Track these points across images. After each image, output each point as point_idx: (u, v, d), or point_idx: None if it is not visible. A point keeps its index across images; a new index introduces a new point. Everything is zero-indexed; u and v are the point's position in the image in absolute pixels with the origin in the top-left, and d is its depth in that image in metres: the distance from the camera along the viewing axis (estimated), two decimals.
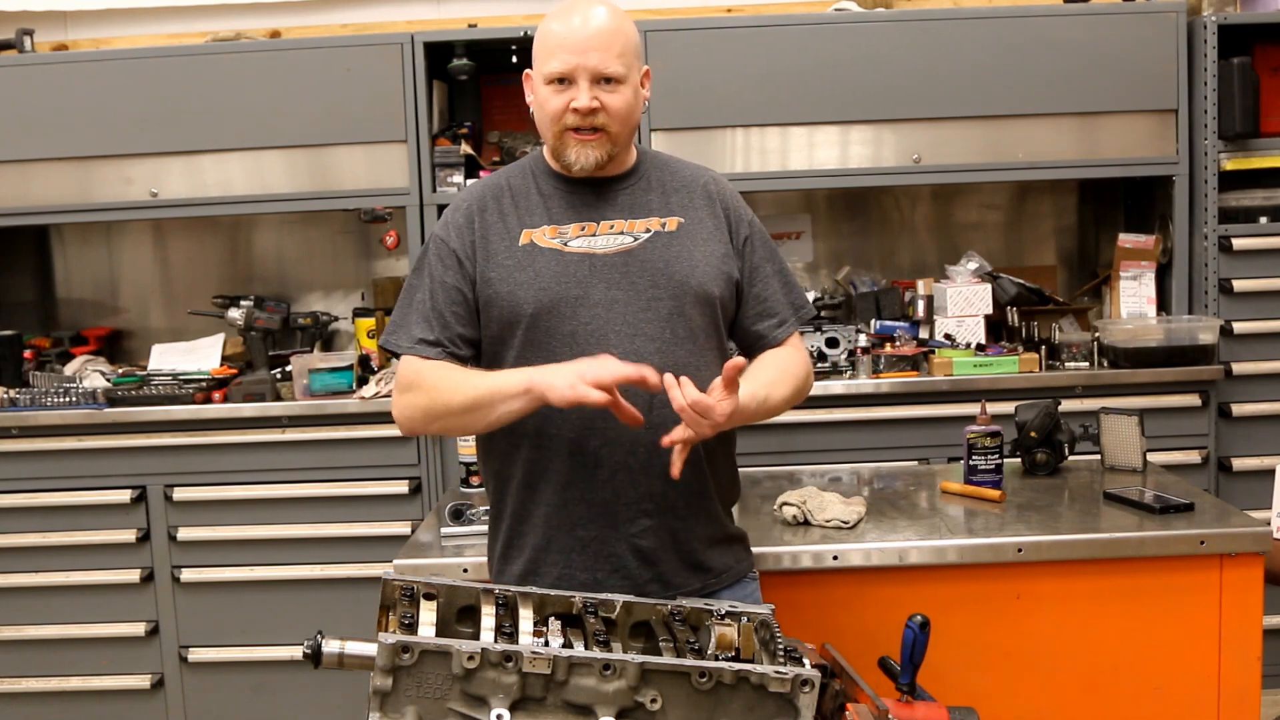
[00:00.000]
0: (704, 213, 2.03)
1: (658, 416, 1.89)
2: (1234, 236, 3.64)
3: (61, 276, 4.26)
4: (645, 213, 2.00)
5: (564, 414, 1.90)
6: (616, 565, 1.94)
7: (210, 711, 3.66)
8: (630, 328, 1.93)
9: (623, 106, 1.92)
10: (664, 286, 1.95)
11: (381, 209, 3.70)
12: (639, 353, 1.91)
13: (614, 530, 1.94)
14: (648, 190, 2.02)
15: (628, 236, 1.97)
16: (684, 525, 1.97)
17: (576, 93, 1.90)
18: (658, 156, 2.10)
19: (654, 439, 1.87)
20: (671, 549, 1.97)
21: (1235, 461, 3.62)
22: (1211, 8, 3.79)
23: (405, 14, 4.17)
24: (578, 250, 1.95)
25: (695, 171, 2.09)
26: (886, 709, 1.61)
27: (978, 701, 1.76)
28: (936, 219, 4.17)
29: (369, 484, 3.58)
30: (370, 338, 3.83)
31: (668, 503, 1.95)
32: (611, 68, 1.90)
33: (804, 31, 3.63)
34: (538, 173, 2.04)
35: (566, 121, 1.92)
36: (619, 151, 1.97)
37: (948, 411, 3.47)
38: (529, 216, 1.99)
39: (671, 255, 1.97)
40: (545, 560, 1.97)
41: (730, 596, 2.01)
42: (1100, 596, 2.32)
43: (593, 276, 1.94)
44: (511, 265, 1.95)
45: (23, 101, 3.68)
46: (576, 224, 1.98)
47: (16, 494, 3.61)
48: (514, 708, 1.50)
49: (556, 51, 1.90)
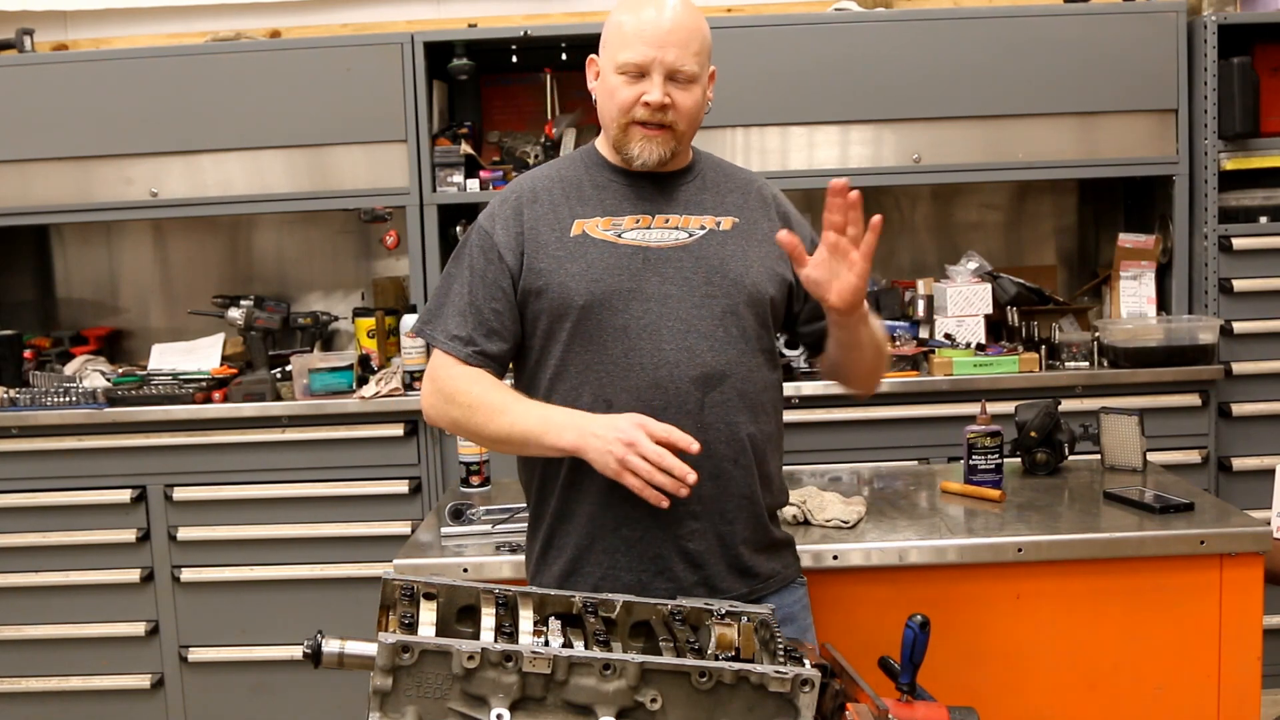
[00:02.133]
0: (758, 214, 2.00)
1: (709, 417, 1.88)
2: (1234, 236, 3.64)
3: (61, 276, 4.26)
4: (700, 210, 1.97)
5: (613, 410, 1.85)
6: (662, 567, 1.90)
7: (210, 711, 3.66)
8: (684, 324, 1.89)
9: (693, 106, 1.90)
10: (718, 284, 1.91)
11: (381, 209, 3.70)
12: (692, 349, 1.88)
13: (660, 531, 1.88)
14: (703, 189, 1.99)
15: (682, 232, 1.94)
16: (731, 529, 1.92)
17: (649, 86, 1.86)
18: (711, 157, 2.07)
19: (703, 439, 1.83)
20: (719, 553, 1.92)
21: (1235, 461, 3.62)
22: (1211, 8, 3.79)
23: (405, 14, 4.17)
24: (631, 242, 1.91)
25: (749, 175, 2.08)
26: (886, 709, 1.61)
27: (978, 701, 1.76)
28: (936, 219, 4.17)
29: (369, 484, 3.58)
30: (370, 337, 3.83)
31: (716, 505, 1.90)
32: (688, 65, 1.87)
33: (804, 31, 3.63)
34: (591, 165, 2.00)
35: (635, 114, 1.88)
36: (681, 150, 1.95)
37: (948, 411, 3.47)
38: (581, 207, 1.95)
39: (726, 254, 1.94)
40: (588, 560, 1.93)
41: (777, 602, 1.97)
42: (1100, 596, 2.32)
43: (646, 269, 1.90)
44: (563, 255, 1.91)
45: (23, 101, 3.68)
46: (631, 216, 1.94)
47: (16, 494, 3.62)
48: (514, 708, 1.50)
49: (633, 42, 1.86)
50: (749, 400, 1.92)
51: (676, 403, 1.86)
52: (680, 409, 1.86)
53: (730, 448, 1.90)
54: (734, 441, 1.90)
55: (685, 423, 1.84)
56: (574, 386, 1.90)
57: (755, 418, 1.93)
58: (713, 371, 1.88)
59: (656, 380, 1.87)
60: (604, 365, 1.88)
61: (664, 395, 1.86)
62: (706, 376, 1.88)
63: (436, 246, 3.69)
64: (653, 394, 1.86)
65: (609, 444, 1.75)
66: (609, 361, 1.88)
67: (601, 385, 1.88)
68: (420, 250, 3.69)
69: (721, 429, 1.88)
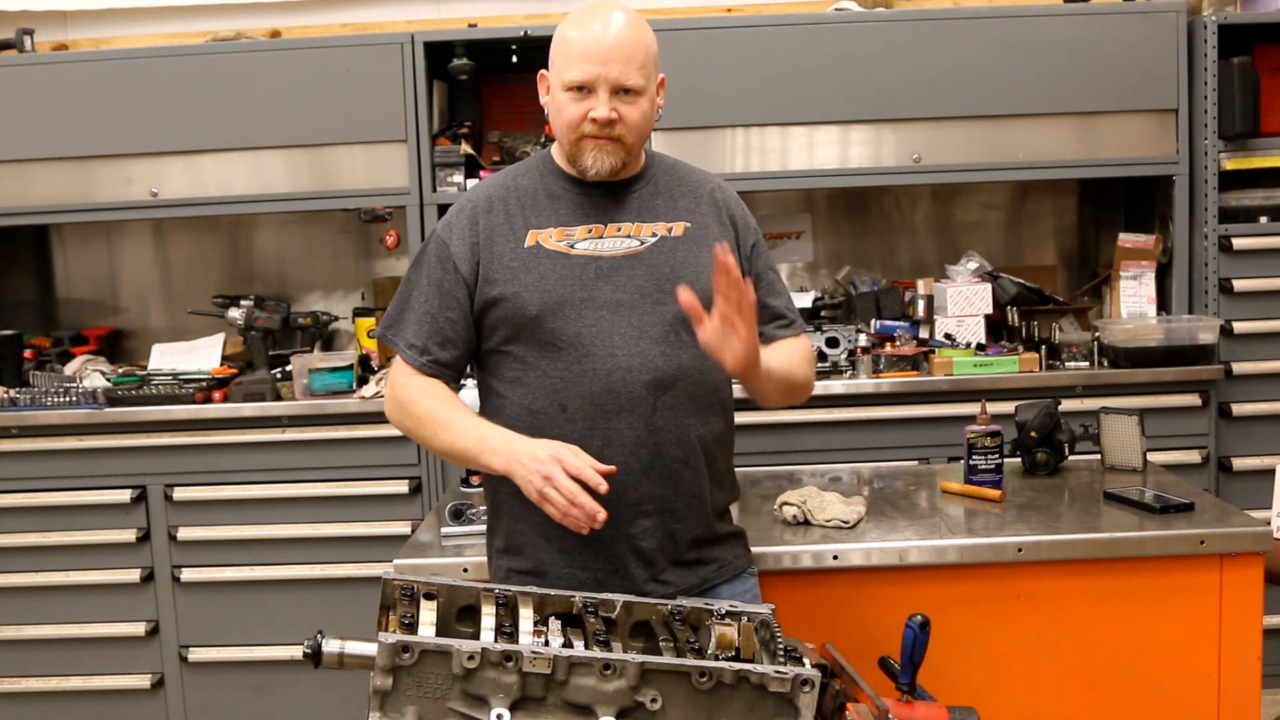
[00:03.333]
0: (710, 219, 2.05)
1: (661, 420, 1.93)
2: (1234, 236, 3.64)
3: (61, 276, 4.26)
4: (653, 217, 2.01)
5: (567, 415, 1.93)
6: (616, 565, 1.95)
7: (210, 711, 3.66)
8: (635, 330, 1.94)
9: (640, 119, 1.94)
10: (669, 290, 1.94)
11: (381, 209, 3.70)
12: (643, 355, 1.93)
13: (614, 530, 1.93)
14: (655, 194, 2.04)
15: (634, 240, 1.99)
16: (682, 527, 1.99)
17: (595, 102, 1.90)
18: (664, 160, 2.11)
19: (655, 441, 1.93)
20: (668, 549, 1.98)
21: (1235, 461, 3.62)
22: (1211, 8, 3.79)
23: (405, 14, 4.17)
24: (583, 253, 1.96)
25: (701, 177, 2.11)
26: (886, 709, 1.61)
27: (978, 701, 1.76)
28: (936, 219, 4.17)
29: (369, 484, 3.58)
30: (370, 337, 3.83)
31: (666, 504, 1.97)
32: (632, 80, 1.91)
33: (804, 31, 3.62)
34: (546, 173, 2.04)
35: (584, 129, 1.92)
36: (631, 160, 1.99)
37: (948, 411, 3.47)
38: (535, 217, 2.00)
39: (678, 260, 1.98)
40: (545, 559, 1.98)
41: (729, 591, 2.03)
42: (1100, 596, 2.32)
43: (598, 279, 1.95)
44: (517, 266, 1.96)
45: (23, 101, 3.68)
46: (584, 226, 1.99)
47: (16, 494, 3.61)
48: (514, 707, 1.50)
49: (577, 60, 1.90)
50: (699, 403, 1.98)
51: (629, 406, 1.93)
52: (632, 412, 1.93)
53: (680, 449, 1.96)
54: (684, 443, 1.96)
55: (637, 425, 1.92)
56: (530, 391, 1.96)
57: (705, 420, 2.00)
58: (664, 376, 1.94)
59: (609, 385, 1.92)
60: (558, 372, 1.94)
61: (616, 400, 1.92)
62: (658, 381, 1.94)
63: None
64: (606, 399, 1.92)
65: (529, 474, 1.82)
66: (563, 368, 1.94)
67: (556, 391, 1.94)
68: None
69: (672, 431, 1.95)
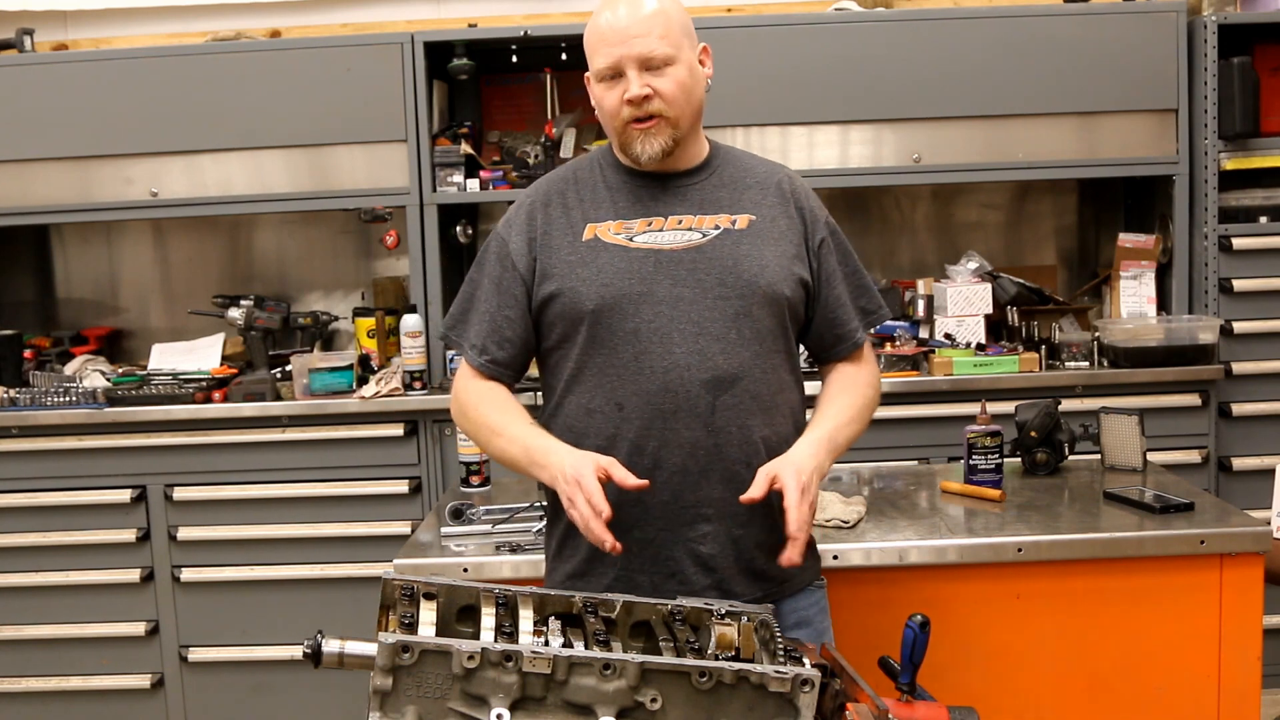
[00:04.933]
0: (777, 211, 1.98)
1: (720, 420, 1.87)
2: (1234, 236, 3.64)
3: (61, 276, 4.26)
4: (715, 209, 1.95)
5: (623, 414, 1.88)
6: (673, 570, 1.89)
7: (210, 711, 3.66)
8: (695, 326, 1.88)
9: (675, 88, 1.87)
10: (731, 285, 1.89)
11: (381, 209, 3.70)
12: (703, 352, 1.87)
13: (672, 534, 1.88)
14: (719, 186, 1.97)
15: (696, 233, 1.92)
16: (745, 532, 1.91)
17: (628, 83, 1.86)
18: (731, 151, 2.05)
19: (714, 443, 1.86)
20: (731, 556, 1.91)
21: (1235, 461, 3.62)
22: (1211, 8, 3.79)
23: (405, 14, 4.17)
24: (643, 246, 1.91)
25: (770, 168, 2.04)
26: (886, 709, 1.61)
27: (978, 701, 1.76)
28: (936, 219, 4.17)
29: (369, 484, 3.58)
30: (370, 337, 3.83)
31: (729, 508, 1.88)
32: (657, 50, 1.86)
33: (804, 31, 3.62)
34: (604, 166, 1.99)
35: (624, 115, 1.87)
36: (683, 135, 1.92)
37: (948, 411, 3.47)
38: (594, 210, 1.95)
39: (740, 254, 1.91)
40: (601, 561, 1.91)
41: (794, 604, 1.97)
42: (1100, 596, 2.32)
43: (658, 273, 1.89)
44: (574, 261, 1.91)
45: (23, 101, 3.68)
46: (643, 219, 1.93)
47: (16, 494, 3.62)
48: (514, 707, 1.50)
49: (599, 48, 1.87)
50: (762, 403, 1.91)
51: (687, 406, 1.86)
52: (690, 412, 1.87)
53: (743, 450, 1.89)
54: (747, 444, 1.89)
55: (695, 425, 1.86)
56: (588, 389, 1.91)
57: (770, 420, 1.92)
58: (724, 374, 1.87)
59: (666, 384, 1.86)
60: (615, 369, 1.89)
61: (674, 399, 1.86)
62: (718, 380, 1.87)
63: (436, 246, 3.69)
64: (663, 398, 1.87)
65: (561, 491, 1.80)
66: (620, 365, 1.88)
67: (613, 389, 1.89)
68: (420, 250, 3.69)
69: (734, 432, 1.88)
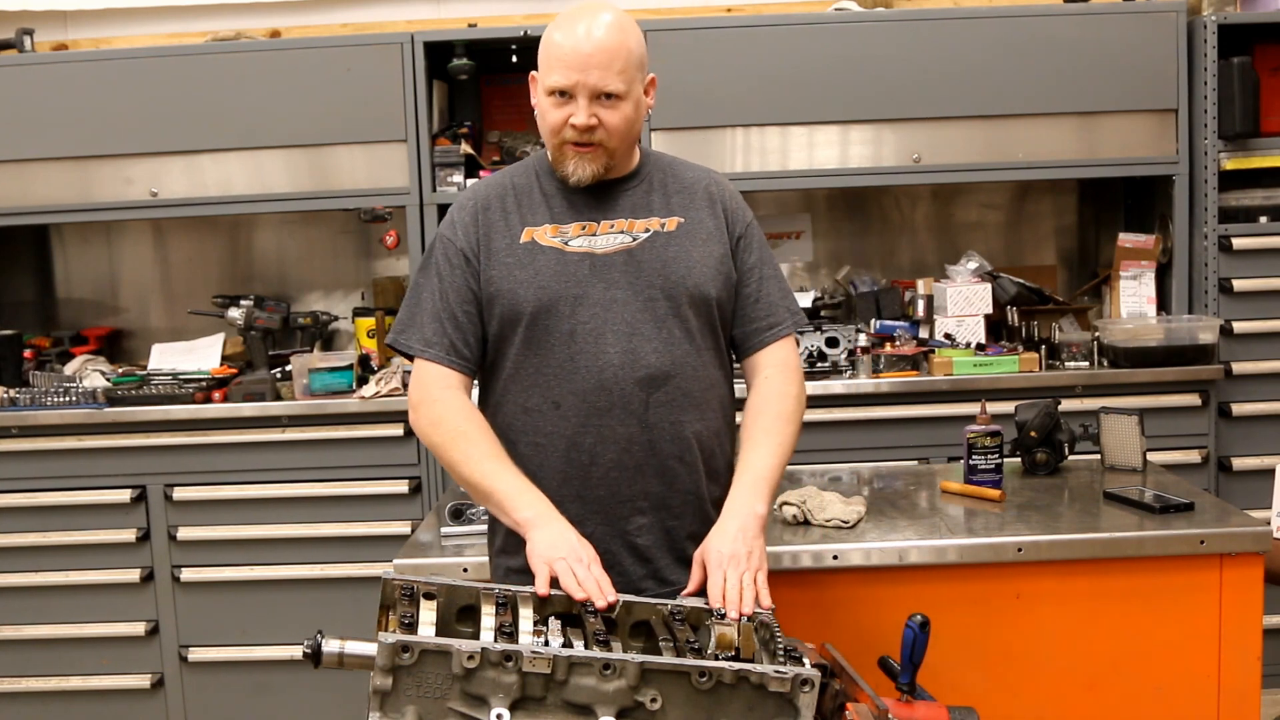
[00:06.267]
0: (705, 213, 2.05)
1: (654, 416, 1.94)
2: (1234, 236, 3.64)
3: (61, 276, 4.26)
4: (646, 213, 2.02)
5: (560, 412, 1.95)
6: (612, 562, 1.94)
7: (210, 711, 3.66)
8: (628, 327, 1.95)
9: (621, 123, 1.93)
10: (661, 286, 1.96)
11: (381, 209, 3.70)
12: (635, 351, 1.94)
13: (609, 527, 1.96)
14: (649, 191, 2.04)
15: (627, 236, 1.99)
16: (679, 523, 2.00)
17: (576, 109, 1.90)
18: (661, 158, 2.11)
19: (648, 438, 1.94)
20: (665, 546, 1.99)
21: (1235, 461, 3.62)
22: (1211, 8, 3.79)
23: (405, 14, 4.17)
24: (578, 249, 1.97)
25: (698, 173, 2.11)
26: (886, 709, 1.61)
27: (978, 701, 1.76)
28: (936, 219, 4.17)
29: (369, 484, 3.58)
30: (370, 337, 3.83)
31: (662, 501, 1.97)
32: (612, 85, 1.90)
33: (804, 31, 3.62)
34: (541, 172, 2.05)
35: (566, 135, 1.93)
36: (617, 163, 1.99)
37: (948, 411, 3.47)
38: (531, 215, 2.01)
39: (669, 255, 1.99)
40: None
41: None
42: (1100, 596, 2.32)
43: (592, 276, 1.96)
44: (512, 263, 1.97)
45: (23, 101, 3.68)
46: (578, 223, 1.99)
47: (16, 494, 3.61)
48: (514, 707, 1.50)
49: (557, 65, 1.91)
50: (694, 399, 1.98)
51: (621, 403, 1.94)
52: (625, 409, 1.94)
53: (675, 445, 1.97)
54: (679, 440, 1.97)
55: (630, 422, 1.94)
56: (524, 389, 1.98)
57: (701, 415, 2.00)
58: (656, 372, 1.95)
59: (601, 382, 1.93)
60: (551, 369, 1.96)
61: (608, 396, 1.94)
62: (650, 378, 1.94)
63: None
64: (598, 395, 1.94)
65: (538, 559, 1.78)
66: (555, 365, 1.95)
67: (549, 388, 1.96)
68: (420, 250, 3.69)
69: (666, 428, 1.96)
